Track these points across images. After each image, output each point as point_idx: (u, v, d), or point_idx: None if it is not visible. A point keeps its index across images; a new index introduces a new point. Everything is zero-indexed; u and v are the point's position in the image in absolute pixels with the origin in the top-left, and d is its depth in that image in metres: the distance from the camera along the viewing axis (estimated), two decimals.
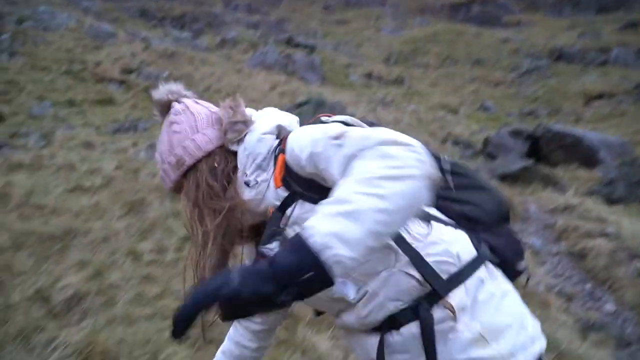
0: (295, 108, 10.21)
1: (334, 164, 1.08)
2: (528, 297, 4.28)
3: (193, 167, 1.33)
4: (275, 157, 1.28)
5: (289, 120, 1.40)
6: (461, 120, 20.43)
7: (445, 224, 1.25)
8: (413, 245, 1.17)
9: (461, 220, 1.29)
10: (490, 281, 1.21)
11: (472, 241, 1.24)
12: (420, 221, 1.19)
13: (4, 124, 12.02)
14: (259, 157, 1.29)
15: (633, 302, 5.09)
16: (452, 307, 1.13)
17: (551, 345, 3.52)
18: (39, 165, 7.86)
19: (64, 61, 17.75)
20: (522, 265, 1.36)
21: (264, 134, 1.31)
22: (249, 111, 1.39)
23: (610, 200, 9.57)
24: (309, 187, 1.21)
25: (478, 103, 23.93)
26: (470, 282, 1.17)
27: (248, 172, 1.30)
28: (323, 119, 1.38)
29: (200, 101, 1.45)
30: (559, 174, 10.81)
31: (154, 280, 4.05)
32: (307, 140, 1.18)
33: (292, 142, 1.23)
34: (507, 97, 25.46)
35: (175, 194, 1.40)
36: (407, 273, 1.16)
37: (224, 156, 1.34)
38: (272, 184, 1.27)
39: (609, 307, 4.98)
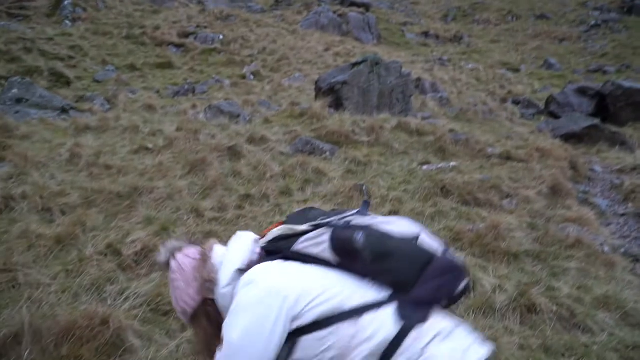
0: (350, 68, 10.03)
1: None
2: (593, 256, 4.12)
3: (195, 314, 1.64)
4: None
5: (246, 252, 1.60)
6: (523, 78, 19.51)
7: (369, 308, 1.46)
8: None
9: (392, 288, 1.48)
10: (422, 339, 1.41)
11: (397, 314, 1.44)
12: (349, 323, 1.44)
13: (70, 88, 12.55)
14: (228, 306, 1.52)
15: None
16: None
17: (615, 304, 3.40)
18: (105, 127, 8.16)
19: (125, 26, 18.19)
20: (461, 286, 1.52)
21: (224, 288, 1.56)
22: (218, 252, 1.65)
23: None
24: None
25: (541, 60, 22.73)
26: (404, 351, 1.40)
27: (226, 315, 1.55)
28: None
29: (187, 252, 1.68)
30: (627, 133, 10.19)
31: (216, 236, 4.15)
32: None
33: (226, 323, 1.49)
34: (572, 53, 24.01)
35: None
36: None
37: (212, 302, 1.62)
38: None
39: None
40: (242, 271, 1.55)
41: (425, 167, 6.43)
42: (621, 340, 3.07)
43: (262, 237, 1.67)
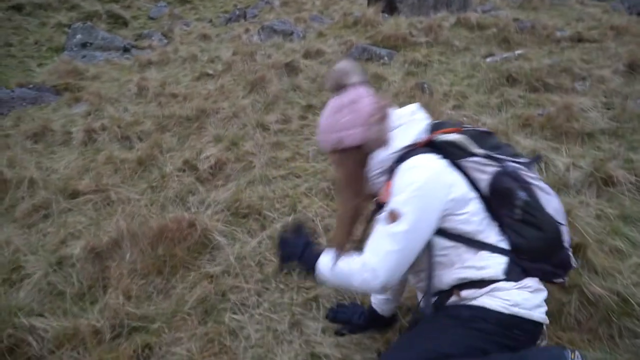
0: None
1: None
2: None
3: (345, 153, 1.74)
4: (391, 170, 1.71)
5: (420, 133, 1.75)
6: None
7: (492, 249, 1.71)
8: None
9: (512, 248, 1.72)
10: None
11: (507, 267, 1.70)
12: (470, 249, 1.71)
13: (128, 28, 12.83)
14: (377, 171, 1.75)
15: None
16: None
17: None
18: (166, 60, 8.38)
19: None
20: (559, 280, 1.81)
21: (390, 154, 1.71)
22: (394, 115, 1.76)
23: None
24: None
25: None
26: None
27: (371, 174, 1.77)
28: (442, 138, 1.75)
29: (369, 93, 1.76)
30: None
31: (283, 146, 4.29)
32: (395, 191, 1.66)
33: (396, 181, 1.67)
34: None
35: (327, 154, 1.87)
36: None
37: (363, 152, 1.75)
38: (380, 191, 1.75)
39: None
40: (411, 147, 1.71)
41: (489, 59, 6.14)
42: None
43: (435, 128, 1.79)
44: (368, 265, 1.62)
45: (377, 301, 2.22)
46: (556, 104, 4.35)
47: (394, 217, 1.62)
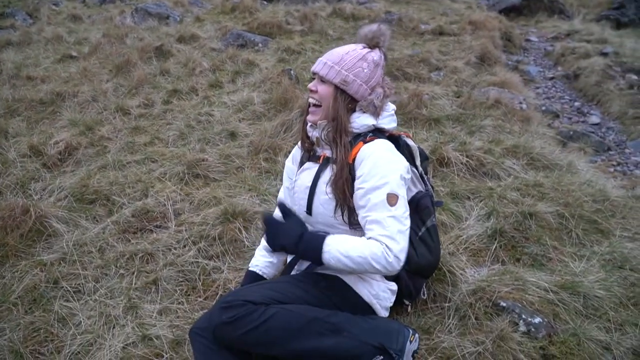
0: None
1: (372, 211, 1.70)
2: (510, 114, 4.32)
3: (343, 92, 1.83)
4: (362, 139, 1.83)
5: (395, 124, 1.97)
6: None
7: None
8: None
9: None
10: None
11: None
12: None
13: None
14: (352, 129, 1.86)
15: (619, 112, 5.14)
16: None
17: (523, 152, 3.63)
18: (28, 41, 7.74)
19: None
20: (407, 302, 2.14)
21: (369, 124, 1.86)
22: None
23: (619, 24, 9.16)
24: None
25: None
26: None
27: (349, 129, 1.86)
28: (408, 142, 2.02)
29: (382, 61, 1.91)
30: (567, 2, 10.23)
31: (143, 130, 4.16)
32: (379, 174, 1.73)
33: (372, 155, 1.77)
34: None
35: (317, 79, 1.88)
36: None
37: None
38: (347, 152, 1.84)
39: (594, 119, 5.04)
40: (385, 132, 1.93)
41: None
42: (523, 180, 3.31)
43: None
44: (391, 251, 1.65)
45: (261, 264, 2.16)
46: (408, 91, 4.63)
47: (393, 200, 1.71)
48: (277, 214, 1.93)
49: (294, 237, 1.74)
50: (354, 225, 1.82)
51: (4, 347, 2.11)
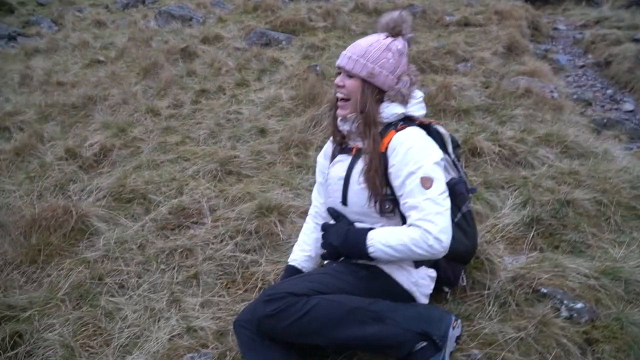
0: None
1: (409, 197, 1.73)
2: (541, 103, 4.27)
3: (370, 85, 1.83)
4: (393, 127, 1.86)
5: (424, 112, 1.97)
6: None
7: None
8: None
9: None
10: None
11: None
12: None
13: (14, 15, 11.93)
14: (381, 119, 1.86)
15: None
16: None
17: (557, 140, 3.59)
18: (55, 48, 7.93)
19: None
20: (447, 289, 2.15)
21: (399, 113, 1.86)
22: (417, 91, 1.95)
23: None
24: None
25: None
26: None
27: (379, 120, 1.87)
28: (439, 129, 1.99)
29: (406, 49, 1.91)
30: None
31: (174, 130, 4.23)
32: (413, 160, 1.75)
33: (404, 142, 1.79)
34: None
35: (344, 73, 1.90)
36: None
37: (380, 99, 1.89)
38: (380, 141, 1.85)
39: (628, 106, 4.96)
40: (415, 120, 1.94)
41: None
42: (558, 168, 3.28)
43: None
44: (430, 233, 1.67)
45: (299, 258, 2.18)
46: (436, 83, 4.61)
47: (428, 182, 1.72)
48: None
49: (342, 235, 1.83)
50: (387, 214, 1.85)
51: (55, 342, 2.18)
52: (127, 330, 2.23)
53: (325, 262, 2.09)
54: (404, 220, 1.81)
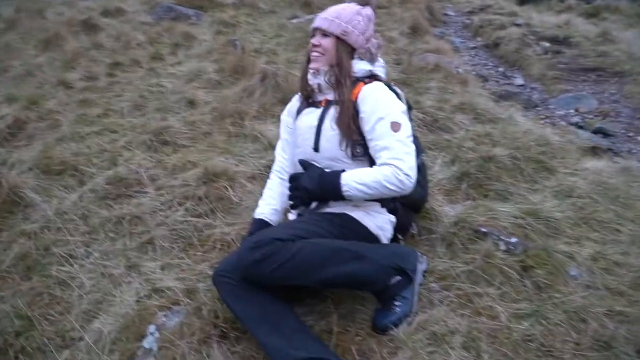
0: None
1: (379, 140, 1.90)
2: (450, 77, 4.64)
3: (343, 42, 2.01)
4: (362, 81, 2.02)
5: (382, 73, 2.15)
6: None
7: None
8: None
9: None
10: None
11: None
12: None
13: None
14: (351, 73, 2.02)
15: (538, 75, 5.71)
16: None
17: (469, 108, 3.97)
18: None
19: None
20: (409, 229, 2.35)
21: (366, 70, 2.04)
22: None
23: (521, 1, 10.03)
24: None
25: None
26: None
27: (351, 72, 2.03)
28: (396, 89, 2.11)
29: (373, 17, 2.11)
30: None
31: (93, 103, 4.01)
32: (382, 107, 1.92)
33: (373, 93, 1.96)
34: None
35: (319, 34, 2.03)
36: None
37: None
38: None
39: (519, 81, 5.57)
40: (373, 76, 2.07)
41: (294, 20, 6.49)
42: (474, 132, 3.63)
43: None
44: (401, 170, 1.85)
45: (267, 211, 2.23)
46: None
47: (397, 126, 1.89)
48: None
49: (315, 179, 1.93)
50: (358, 158, 2.00)
51: (9, 313, 2.06)
52: (88, 297, 2.18)
53: (291, 215, 2.18)
54: (371, 164, 1.96)
